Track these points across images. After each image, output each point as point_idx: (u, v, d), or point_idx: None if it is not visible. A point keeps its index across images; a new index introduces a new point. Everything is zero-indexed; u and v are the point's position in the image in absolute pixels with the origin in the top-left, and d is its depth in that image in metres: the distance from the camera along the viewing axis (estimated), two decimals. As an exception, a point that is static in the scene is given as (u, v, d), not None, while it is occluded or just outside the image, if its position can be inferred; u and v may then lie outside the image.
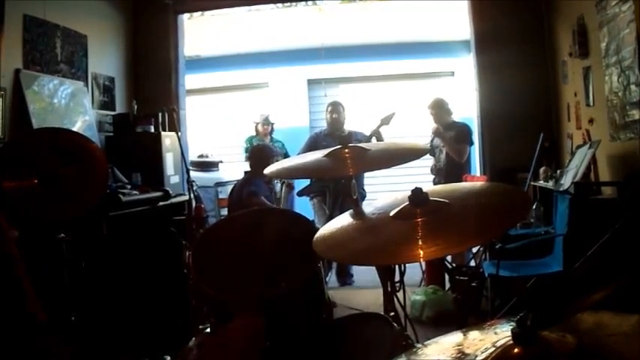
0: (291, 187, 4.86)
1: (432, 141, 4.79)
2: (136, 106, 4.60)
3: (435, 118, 4.65)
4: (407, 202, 1.31)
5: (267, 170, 1.90)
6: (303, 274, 1.80)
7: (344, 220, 1.50)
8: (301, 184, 4.95)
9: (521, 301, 3.08)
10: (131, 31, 4.97)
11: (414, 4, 6.82)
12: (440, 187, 1.63)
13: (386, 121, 4.49)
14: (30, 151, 2.44)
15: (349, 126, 4.91)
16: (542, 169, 4.02)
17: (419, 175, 4.94)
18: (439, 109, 4.66)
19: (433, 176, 4.82)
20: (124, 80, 4.84)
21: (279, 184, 4.88)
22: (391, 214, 1.34)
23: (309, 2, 6.85)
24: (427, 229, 1.24)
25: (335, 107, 4.91)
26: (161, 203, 4.02)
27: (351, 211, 1.57)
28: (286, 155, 5.63)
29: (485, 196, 1.49)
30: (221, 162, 6.59)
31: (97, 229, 3.23)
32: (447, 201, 1.32)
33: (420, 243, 1.20)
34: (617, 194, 3.06)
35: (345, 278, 4.91)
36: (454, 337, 0.91)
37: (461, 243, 1.33)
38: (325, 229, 1.48)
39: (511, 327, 0.75)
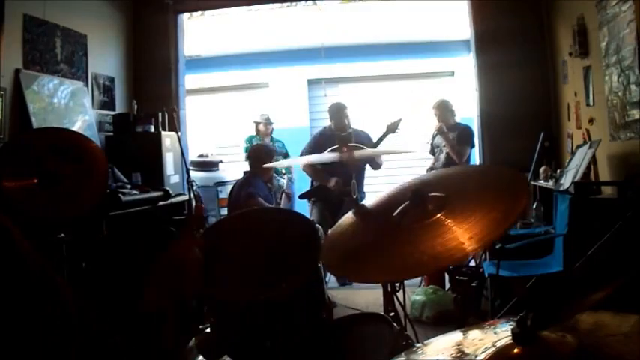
0: (289, 197, 4.85)
1: (432, 140, 4.79)
2: (136, 106, 4.60)
3: (438, 119, 4.65)
4: (407, 203, 1.31)
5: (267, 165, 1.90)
6: (303, 274, 1.80)
7: (349, 226, 1.47)
8: (302, 188, 4.94)
9: (521, 301, 3.08)
10: (131, 31, 4.97)
11: (414, 4, 6.82)
12: (432, 175, 1.61)
13: (392, 128, 4.41)
14: (30, 151, 2.43)
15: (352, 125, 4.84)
16: (542, 169, 4.02)
17: (416, 168, 4.94)
18: (443, 109, 4.66)
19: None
20: (124, 80, 4.84)
21: (280, 181, 4.87)
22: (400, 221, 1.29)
23: (309, 2, 6.84)
24: (451, 223, 1.20)
25: (341, 111, 4.64)
26: (161, 203, 4.02)
27: (351, 212, 1.58)
28: (286, 155, 5.64)
29: (481, 178, 1.47)
30: (221, 162, 6.59)
31: (97, 229, 3.23)
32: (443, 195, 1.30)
33: (461, 238, 1.14)
34: (617, 194, 3.05)
35: (344, 278, 4.90)
36: (454, 337, 0.91)
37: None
38: (333, 241, 1.44)
39: (511, 327, 0.75)
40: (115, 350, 0.91)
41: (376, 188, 5.18)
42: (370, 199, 1.63)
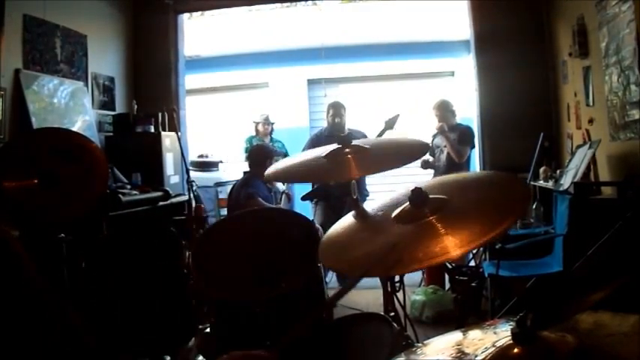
0: (290, 197, 4.84)
1: (433, 140, 4.79)
2: (136, 106, 4.60)
3: (438, 119, 4.66)
4: (407, 203, 1.30)
5: (266, 172, 1.89)
6: (303, 274, 1.80)
7: (348, 224, 1.46)
8: (303, 189, 4.93)
9: (521, 301, 3.08)
10: (131, 31, 4.97)
11: (414, 4, 6.82)
12: (435, 180, 1.60)
13: (390, 124, 4.39)
14: (30, 151, 2.43)
15: (349, 125, 4.85)
16: (542, 169, 4.02)
17: (419, 175, 4.94)
18: (444, 110, 4.66)
19: (429, 173, 4.80)
20: (124, 80, 4.84)
21: (279, 186, 4.88)
22: (393, 215, 1.32)
23: (309, 2, 6.84)
24: (442, 225, 1.17)
25: (337, 110, 4.73)
26: (161, 203, 4.02)
27: (352, 213, 1.57)
28: (286, 155, 5.63)
29: (483, 188, 1.46)
30: (221, 162, 6.59)
31: (96, 229, 3.23)
32: (445, 197, 1.30)
33: (449, 238, 1.10)
34: (617, 194, 3.05)
35: (345, 278, 4.90)
36: (454, 337, 0.91)
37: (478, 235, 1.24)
38: (330, 237, 1.43)
39: (511, 327, 0.75)
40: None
41: (380, 188, 5.21)
42: (372, 201, 1.62)
